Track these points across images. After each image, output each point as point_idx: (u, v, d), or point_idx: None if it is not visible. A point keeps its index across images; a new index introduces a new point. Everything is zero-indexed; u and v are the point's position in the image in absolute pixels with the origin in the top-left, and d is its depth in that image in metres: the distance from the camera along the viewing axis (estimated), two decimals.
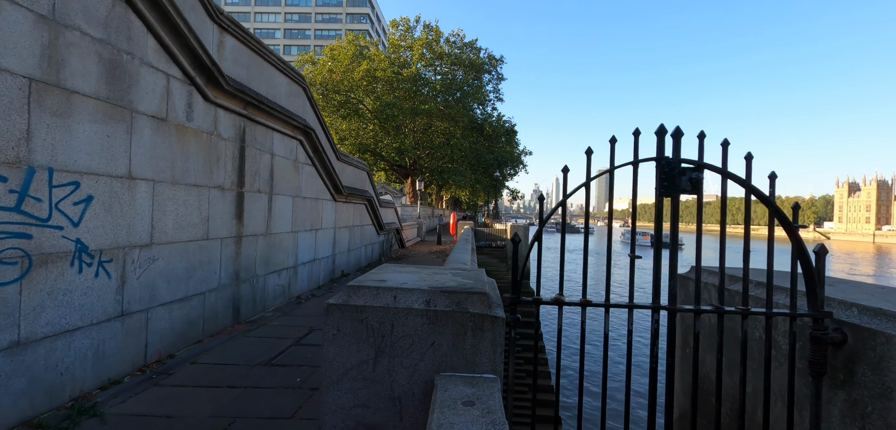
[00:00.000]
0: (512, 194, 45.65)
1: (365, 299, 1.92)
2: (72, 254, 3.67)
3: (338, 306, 1.90)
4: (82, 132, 3.74)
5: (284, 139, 7.66)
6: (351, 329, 1.89)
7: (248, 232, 6.47)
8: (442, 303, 1.91)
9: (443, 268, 2.67)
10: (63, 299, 3.60)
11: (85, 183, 3.78)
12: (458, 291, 1.94)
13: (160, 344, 4.74)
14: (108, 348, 4.06)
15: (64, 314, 3.61)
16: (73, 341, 3.70)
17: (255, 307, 6.79)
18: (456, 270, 2.58)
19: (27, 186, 3.30)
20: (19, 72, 3.23)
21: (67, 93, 3.60)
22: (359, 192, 12.12)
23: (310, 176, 8.89)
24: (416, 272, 2.41)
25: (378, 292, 1.95)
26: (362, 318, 1.89)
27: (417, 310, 1.88)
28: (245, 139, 6.37)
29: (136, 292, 4.37)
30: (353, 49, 33.65)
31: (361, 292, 1.95)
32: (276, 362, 4.84)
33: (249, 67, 6.27)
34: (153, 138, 4.57)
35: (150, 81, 4.52)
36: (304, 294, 8.56)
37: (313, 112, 8.77)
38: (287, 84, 7.55)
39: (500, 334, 1.85)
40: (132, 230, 4.30)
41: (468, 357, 1.85)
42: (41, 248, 3.41)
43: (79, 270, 3.73)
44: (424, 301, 1.91)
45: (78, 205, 3.71)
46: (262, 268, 6.94)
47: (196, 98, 5.27)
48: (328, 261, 10.15)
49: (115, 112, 4.08)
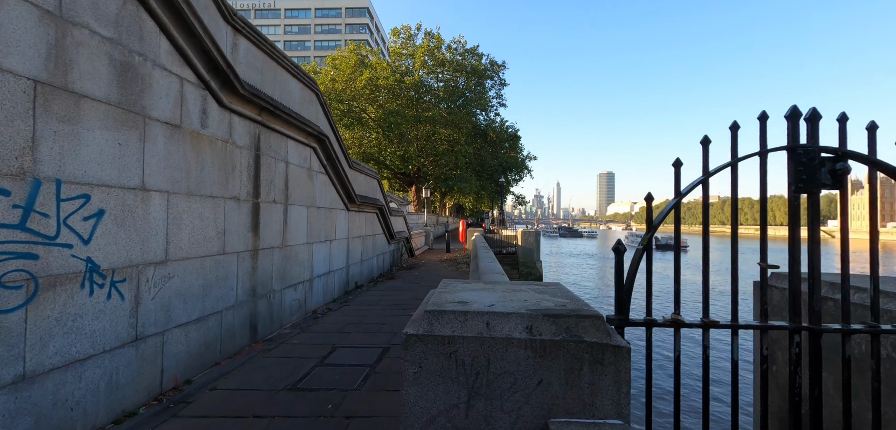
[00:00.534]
0: (517, 200, 45.24)
1: (451, 328, 1.56)
2: (82, 274, 3.31)
3: (419, 338, 1.54)
4: (92, 140, 3.40)
5: (299, 147, 7.33)
6: (436, 366, 1.53)
7: (264, 245, 6.12)
8: (548, 330, 1.54)
9: (506, 283, 2.31)
10: (73, 325, 3.24)
11: (95, 196, 3.43)
12: (564, 314, 1.58)
13: (177, 369, 4.37)
14: (122, 378, 3.69)
15: (74, 342, 3.25)
16: (85, 371, 3.33)
17: (272, 325, 6.42)
18: (521, 286, 2.22)
19: (33, 200, 2.96)
20: (23, 73, 2.89)
21: (76, 97, 3.26)
22: (370, 200, 11.78)
23: (323, 185, 8.55)
24: (489, 290, 2.05)
25: (465, 318, 1.58)
26: (450, 351, 1.53)
27: (519, 340, 1.51)
28: (260, 147, 6.03)
29: (150, 314, 4.01)
30: (355, 58, 33.49)
31: (445, 319, 1.59)
32: (302, 385, 4.46)
33: (263, 72, 5.95)
34: (167, 147, 4.23)
35: (164, 84, 4.19)
36: (320, 309, 8.18)
37: (326, 119, 8.45)
38: (300, 90, 7.23)
39: (625, 369, 1.49)
40: (146, 246, 3.95)
41: (585, 398, 1.49)
42: (49, 269, 3.06)
43: (90, 292, 3.37)
44: (525, 328, 1.55)
45: (88, 220, 3.36)
46: (278, 282, 6.58)
47: (210, 103, 4.93)
48: (342, 273, 9.78)
49: (127, 118, 3.74)
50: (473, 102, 35.93)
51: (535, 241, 19.91)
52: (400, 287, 11.13)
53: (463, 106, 35.23)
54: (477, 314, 1.59)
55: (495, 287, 2.12)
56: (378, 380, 4.59)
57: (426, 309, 1.63)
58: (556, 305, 1.70)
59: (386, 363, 5.12)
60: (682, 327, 1.76)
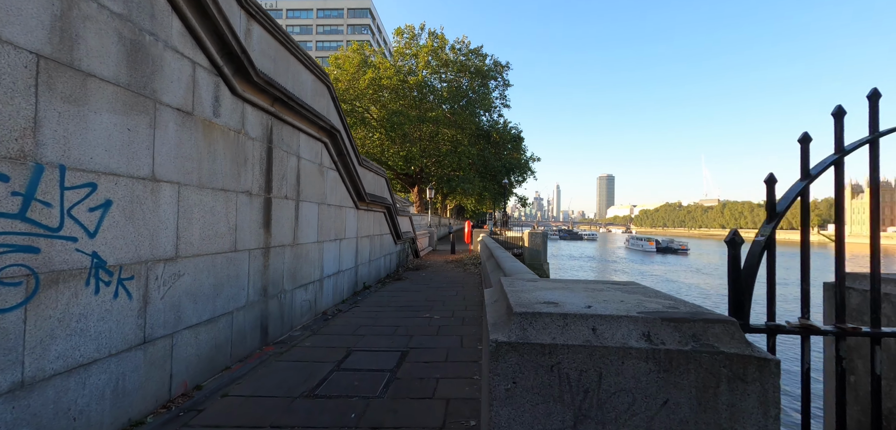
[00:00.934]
0: (521, 201, 44.96)
1: (551, 333, 1.27)
2: (87, 271, 3.01)
3: (512, 347, 1.25)
4: (99, 124, 3.11)
5: (310, 141, 7.04)
6: (534, 382, 1.24)
7: (275, 243, 5.82)
8: (670, 337, 1.26)
9: (577, 281, 2.02)
10: (76, 326, 2.94)
11: (102, 185, 3.14)
12: (686, 318, 1.29)
13: (186, 374, 4.07)
14: (129, 384, 3.39)
15: (77, 345, 2.95)
16: (89, 377, 3.03)
17: (283, 326, 6.12)
18: (598, 284, 1.93)
19: (34, 187, 2.66)
20: (25, 46, 2.60)
21: (83, 75, 2.97)
22: (379, 199, 11.49)
23: (334, 182, 8.25)
24: (566, 289, 1.76)
25: (565, 323, 1.29)
26: (552, 364, 1.23)
27: (637, 350, 1.22)
28: (272, 139, 5.74)
29: (159, 315, 3.71)
30: (358, 58, 33.27)
31: (541, 323, 1.30)
32: (320, 392, 4.16)
33: (276, 61, 5.67)
34: (178, 134, 3.94)
35: (175, 67, 3.90)
36: (329, 310, 7.88)
37: (337, 113, 8.16)
38: (313, 82, 6.94)
39: (773, 388, 1.20)
40: (155, 241, 3.66)
41: (723, 424, 1.20)
42: (51, 264, 2.76)
43: (95, 290, 3.08)
44: (641, 335, 1.26)
45: (94, 211, 3.07)
46: (289, 282, 6.28)
47: (223, 91, 4.64)
48: (351, 273, 9.48)
49: (136, 102, 3.45)
50: (477, 103, 35.69)
51: (543, 242, 19.62)
52: (409, 288, 10.83)
53: (466, 107, 35.00)
54: (578, 318, 1.30)
55: (571, 285, 1.83)
56: (401, 387, 4.29)
57: (514, 310, 1.34)
58: (665, 306, 1.42)
59: (407, 368, 4.82)
60: (813, 335, 1.47)
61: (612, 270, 48.32)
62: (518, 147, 40.65)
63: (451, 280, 12.40)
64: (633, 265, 52.05)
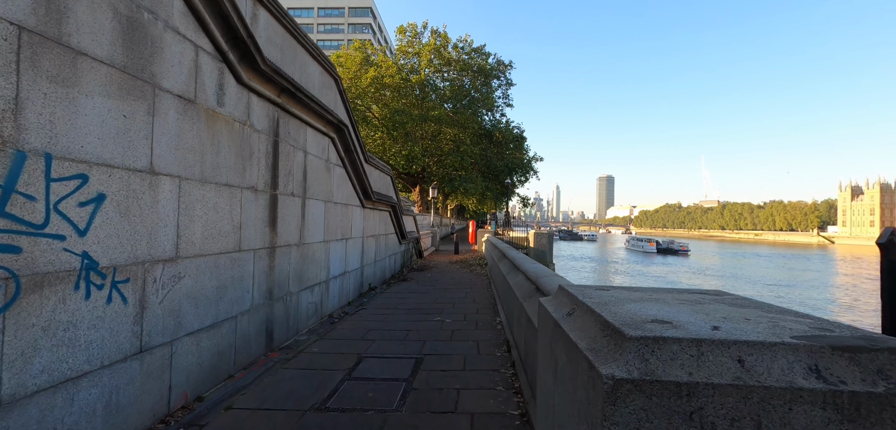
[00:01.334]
0: (523, 201, 44.61)
1: (685, 367, 0.95)
2: (76, 273, 2.68)
3: (634, 386, 0.92)
4: (91, 108, 2.78)
5: (317, 136, 6.71)
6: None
7: (281, 242, 5.49)
8: (849, 373, 0.93)
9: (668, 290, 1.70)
10: (64, 335, 2.61)
11: (94, 177, 2.81)
12: (865, 347, 0.96)
13: (186, 384, 3.74)
14: (124, 398, 3.06)
15: (65, 357, 2.62)
16: (78, 392, 2.70)
17: (289, 330, 5.79)
18: (698, 297, 1.60)
19: (15, 177, 2.33)
20: (4, 15, 2.27)
21: (72, 53, 2.64)
22: (384, 198, 11.16)
23: (340, 179, 7.92)
24: (658, 301, 1.43)
25: (700, 351, 0.97)
26: (691, 410, 0.91)
27: (808, 392, 0.90)
28: (279, 133, 5.41)
29: (158, 321, 3.38)
30: (360, 56, 32.93)
31: (668, 351, 0.97)
32: (332, 405, 3.82)
33: (284, 49, 5.34)
34: (179, 124, 3.61)
35: (177, 51, 3.57)
36: (336, 312, 7.54)
37: (344, 107, 7.83)
38: (320, 73, 6.61)
39: None
40: (154, 240, 3.32)
41: None
42: (34, 265, 2.43)
43: (86, 294, 2.74)
44: (809, 370, 0.94)
45: (85, 206, 2.74)
46: (295, 284, 5.94)
47: (228, 78, 4.31)
48: (357, 274, 9.15)
49: (133, 86, 3.11)
50: (479, 102, 35.34)
51: (548, 242, 19.30)
52: (416, 289, 10.50)
53: (469, 106, 34.64)
54: (717, 346, 0.98)
55: (659, 295, 1.51)
56: (419, 399, 3.96)
57: (626, 332, 1.02)
58: (813, 327, 1.09)
59: (423, 378, 4.49)
60: None
61: (613, 271, 48.00)
62: (520, 147, 40.28)
63: (458, 281, 12.07)
64: (634, 266, 51.74)
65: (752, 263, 61.94)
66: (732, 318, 1.18)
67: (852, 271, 52.98)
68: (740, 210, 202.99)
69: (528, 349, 4.10)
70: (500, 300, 8.12)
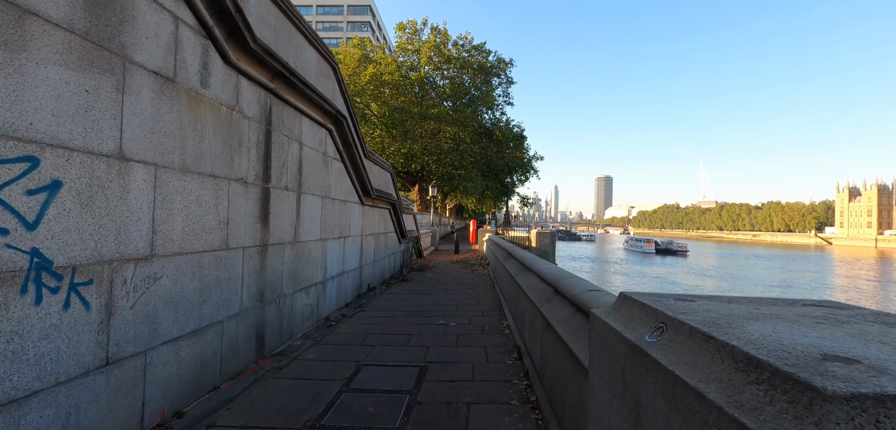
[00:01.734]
0: (523, 200, 44.21)
1: None
2: (23, 273, 2.26)
3: None
4: (43, 80, 2.36)
5: (314, 127, 6.28)
6: None
7: (274, 240, 5.06)
8: None
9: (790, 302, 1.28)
10: (6, 348, 2.18)
11: (48, 160, 2.38)
12: None
13: (163, 399, 3.31)
14: (85, 418, 2.64)
15: (8, 374, 2.19)
16: (25, 415, 2.28)
17: (282, 335, 5.37)
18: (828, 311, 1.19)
19: None
20: None
21: (18, 11, 2.22)
22: (384, 195, 10.74)
23: (339, 174, 7.50)
24: (770, 317, 1.01)
25: None
26: None
27: None
28: (271, 121, 4.99)
29: (128, 328, 2.95)
30: (359, 53, 32.51)
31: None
32: (327, 422, 3.40)
33: (277, 31, 4.91)
34: (155, 105, 3.18)
35: (152, 21, 3.15)
36: (333, 315, 7.12)
37: (343, 98, 7.41)
38: (317, 60, 6.19)
39: None
40: (124, 236, 2.90)
41: None
42: None
43: (36, 299, 2.32)
44: None
45: (35, 194, 2.31)
46: (289, 285, 5.52)
47: (213, 57, 3.89)
48: (356, 274, 8.72)
49: (98, 57, 2.69)
50: (480, 100, 34.93)
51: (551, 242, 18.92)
52: (416, 290, 10.08)
53: (469, 104, 34.23)
54: None
55: (768, 309, 1.10)
56: (426, 415, 3.54)
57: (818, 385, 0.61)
58: None
59: (429, 389, 4.08)
60: None
61: (613, 271, 47.68)
62: (520, 146, 39.88)
63: (460, 282, 11.66)
64: (633, 267, 51.46)
65: (751, 263, 61.75)
66: (890, 341, 0.78)
67: (850, 272, 52.84)
68: (738, 211, 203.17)
69: (545, 359, 3.70)
70: (507, 303, 7.72)
